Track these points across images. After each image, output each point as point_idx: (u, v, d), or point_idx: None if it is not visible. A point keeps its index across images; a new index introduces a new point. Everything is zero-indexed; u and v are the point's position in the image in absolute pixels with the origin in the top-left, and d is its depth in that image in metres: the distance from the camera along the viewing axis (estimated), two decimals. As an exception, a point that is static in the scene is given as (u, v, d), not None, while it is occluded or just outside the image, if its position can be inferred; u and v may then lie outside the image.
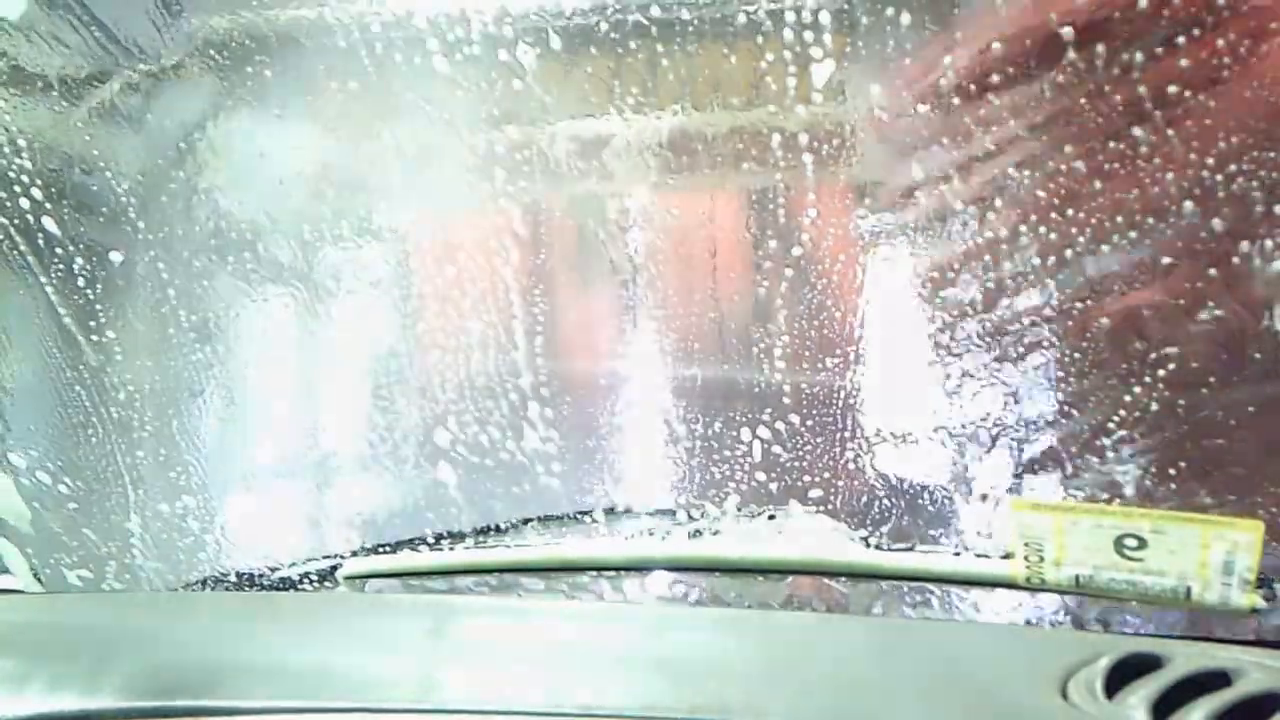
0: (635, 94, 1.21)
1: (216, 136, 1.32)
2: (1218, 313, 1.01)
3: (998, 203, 1.10)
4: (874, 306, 1.20)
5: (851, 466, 1.20)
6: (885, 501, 1.18)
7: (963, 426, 1.19)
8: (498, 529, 1.13)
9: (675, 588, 1.08)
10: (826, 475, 1.21)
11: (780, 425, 1.21)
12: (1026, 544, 0.85)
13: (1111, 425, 1.08)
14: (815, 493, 1.16)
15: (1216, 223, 0.99)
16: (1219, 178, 0.98)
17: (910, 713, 0.72)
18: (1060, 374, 1.13)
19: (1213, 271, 1.01)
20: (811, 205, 1.19)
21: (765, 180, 1.20)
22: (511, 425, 1.30)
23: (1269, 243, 0.98)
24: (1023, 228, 1.09)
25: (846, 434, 1.21)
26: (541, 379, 1.30)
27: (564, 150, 1.25)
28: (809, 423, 1.22)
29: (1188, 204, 1.00)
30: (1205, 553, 0.79)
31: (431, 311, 1.38)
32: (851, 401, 1.21)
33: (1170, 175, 1.01)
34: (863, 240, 1.20)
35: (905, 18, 1.07)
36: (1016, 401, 1.16)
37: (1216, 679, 0.70)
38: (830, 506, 1.14)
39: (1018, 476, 1.16)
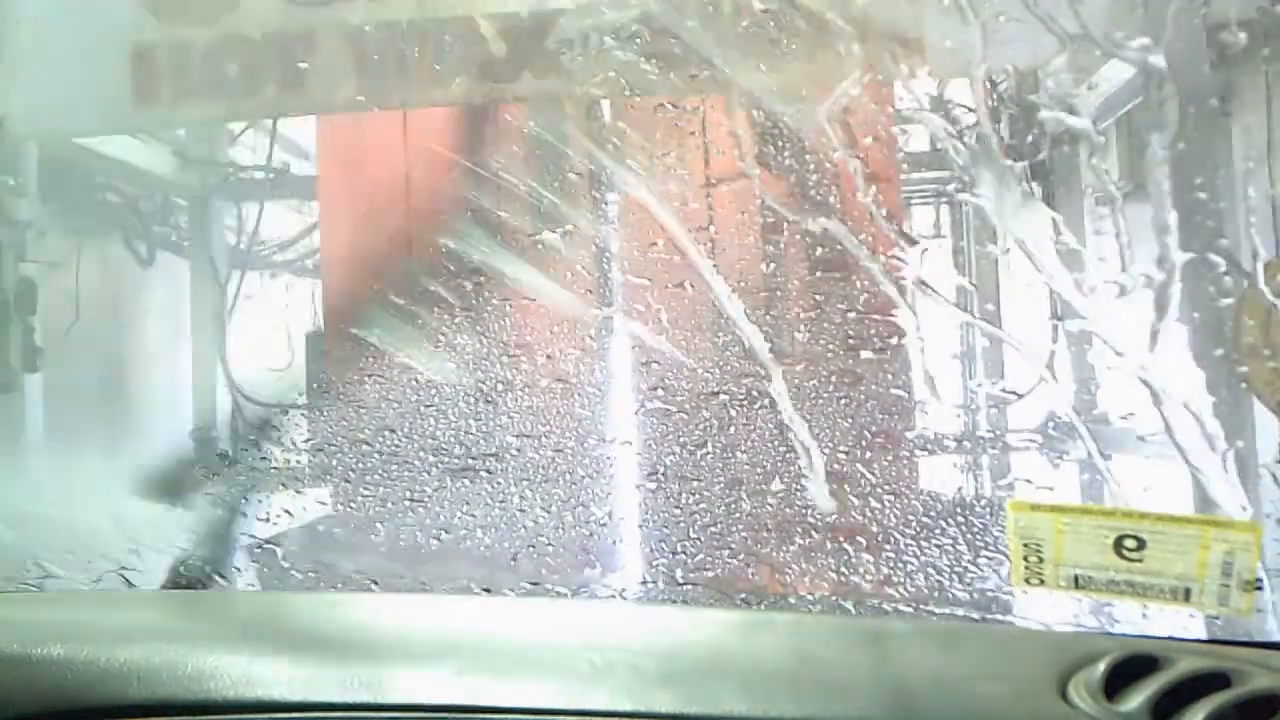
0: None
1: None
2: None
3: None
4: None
5: (851, 468, 1.20)
6: (887, 502, 1.18)
7: (963, 431, 1.19)
8: None
9: (673, 586, 1.08)
10: (827, 471, 1.22)
11: (772, 428, 1.21)
12: (1026, 544, 0.85)
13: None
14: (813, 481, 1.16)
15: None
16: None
17: (911, 713, 0.72)
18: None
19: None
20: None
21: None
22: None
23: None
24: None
25: (848, 435, 1.21)
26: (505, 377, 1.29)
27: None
28: (805, 423, 1.22)
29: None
30: (1204, 554, 0.79)
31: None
32: (852, 402, 1.21)
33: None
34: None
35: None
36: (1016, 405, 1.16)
37: (1216, 680, 0.70)
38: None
39: (1015, 478, 1.16)
